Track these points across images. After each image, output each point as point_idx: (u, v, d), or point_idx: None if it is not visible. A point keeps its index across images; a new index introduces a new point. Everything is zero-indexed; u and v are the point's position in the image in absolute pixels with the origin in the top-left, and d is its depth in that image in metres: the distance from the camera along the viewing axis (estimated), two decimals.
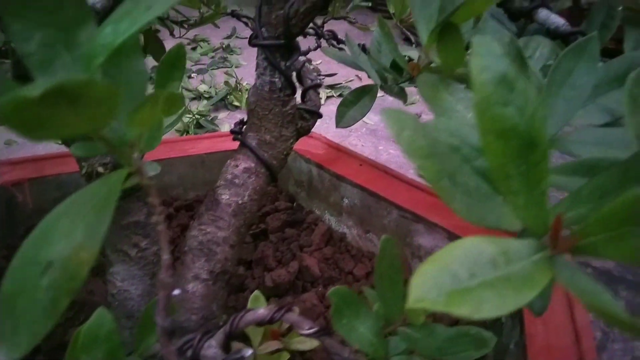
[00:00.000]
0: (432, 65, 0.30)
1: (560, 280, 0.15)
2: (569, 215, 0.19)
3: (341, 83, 1.88)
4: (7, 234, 0.60)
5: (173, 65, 0.34)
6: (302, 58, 0.59)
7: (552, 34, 0.34)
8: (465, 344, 0.33)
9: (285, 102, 0.45)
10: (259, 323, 0.26)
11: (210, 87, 1.88)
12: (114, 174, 0.15)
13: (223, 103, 1.78)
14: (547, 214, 0.17)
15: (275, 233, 0.65)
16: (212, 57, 2.27)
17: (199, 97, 1.82)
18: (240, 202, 0.43)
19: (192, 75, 2.06)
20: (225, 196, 0.43)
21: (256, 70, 0.44)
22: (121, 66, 0.16)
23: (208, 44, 2.41)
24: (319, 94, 0.53)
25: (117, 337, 0.21)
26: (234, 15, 0.62)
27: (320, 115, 0.51)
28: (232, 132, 0.48)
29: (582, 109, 0.27)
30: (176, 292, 0.19)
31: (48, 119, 0.12)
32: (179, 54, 0.34)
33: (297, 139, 0.49)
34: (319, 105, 0.52)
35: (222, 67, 2.14)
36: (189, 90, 1.85)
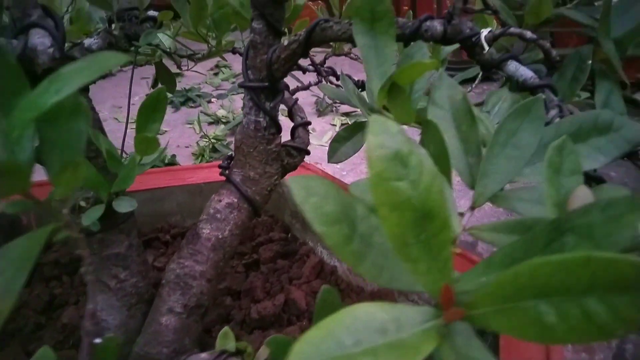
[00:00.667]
0: None
1: (444, 349, 0.15)
2: (481, 281, 0.19)
3: (356, 111, 1.90)
4: None
5: (154, 108, 0.36)
6: (296, 95, 0.61)
7: (520, 86, 0.35)
8: None
9: (270, 140, 0.46)
10: None
11: (229, 112, 1.92)
12: (39, 231, 0.16)
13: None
14: (449, 281, 0.17)
15: (267, 264, 0.65)
16: (233, 83, 2.34)
17: (217, 121, 1.86)
18: (220, 236, 0.44)
19: (212, 100, 2.12)
20: (206, 230, 0.44)
21: (242, 109, 0.46)
22: (60, 127, 0.18)
23: (230, 69, 2.48)
24: (308, 131, 0.54)
25: None
26: (235, 52, 0.64)
27: (308, 152, 0.52)
28: (220, 167, 0.49)
29: (531, 166, 0.27)
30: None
31: None
32: (160, 97, 0.36)
33: (282, 176, 0.50)
34: (307, 143, 0.53)
35: (241, 93, 2.19)
36: (208, 115, 1.90)
